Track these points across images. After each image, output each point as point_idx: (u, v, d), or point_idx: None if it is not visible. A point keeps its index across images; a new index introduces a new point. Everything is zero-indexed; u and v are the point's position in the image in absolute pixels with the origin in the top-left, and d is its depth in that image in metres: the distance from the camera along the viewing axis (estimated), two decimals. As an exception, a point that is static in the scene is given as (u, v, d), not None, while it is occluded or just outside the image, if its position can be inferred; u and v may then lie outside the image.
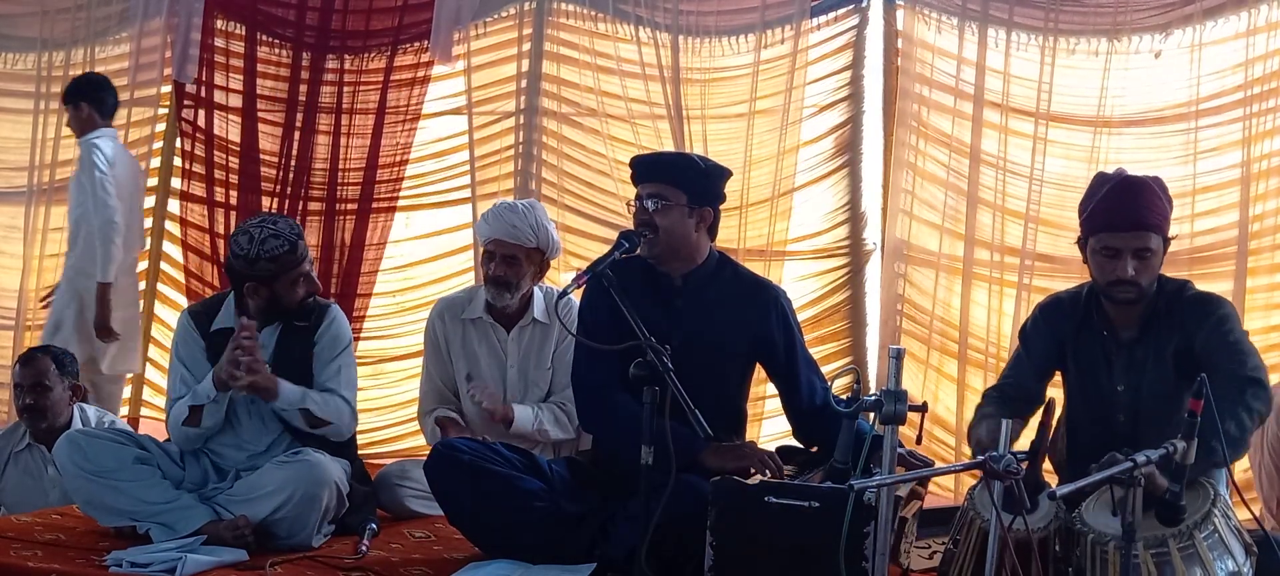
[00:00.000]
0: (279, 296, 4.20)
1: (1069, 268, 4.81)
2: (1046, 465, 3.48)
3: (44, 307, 5.93)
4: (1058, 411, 3.62)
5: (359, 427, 4.78)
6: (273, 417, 4.25)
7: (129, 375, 6.14)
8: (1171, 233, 3.72)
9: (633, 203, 3.91)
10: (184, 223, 6.23)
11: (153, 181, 6.29)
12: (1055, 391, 3.90)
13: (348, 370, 4.32)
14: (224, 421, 4.25)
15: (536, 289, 4.61)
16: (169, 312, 6.31)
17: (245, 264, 4.15)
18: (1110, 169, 4.96)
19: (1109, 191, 3.67)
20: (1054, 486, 3.21)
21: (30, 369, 5.00)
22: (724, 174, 4.03)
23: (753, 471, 3.64)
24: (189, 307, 4.60)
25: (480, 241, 4.58)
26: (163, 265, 6.32)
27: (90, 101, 5.71)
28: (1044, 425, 3.21)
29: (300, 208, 6.05)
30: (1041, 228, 5.17)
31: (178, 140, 6.23)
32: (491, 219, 4.47)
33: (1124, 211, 3.62)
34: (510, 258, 4.44)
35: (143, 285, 6.27)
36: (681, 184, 3.86)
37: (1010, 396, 3.78)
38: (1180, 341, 3.63)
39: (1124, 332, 3.71)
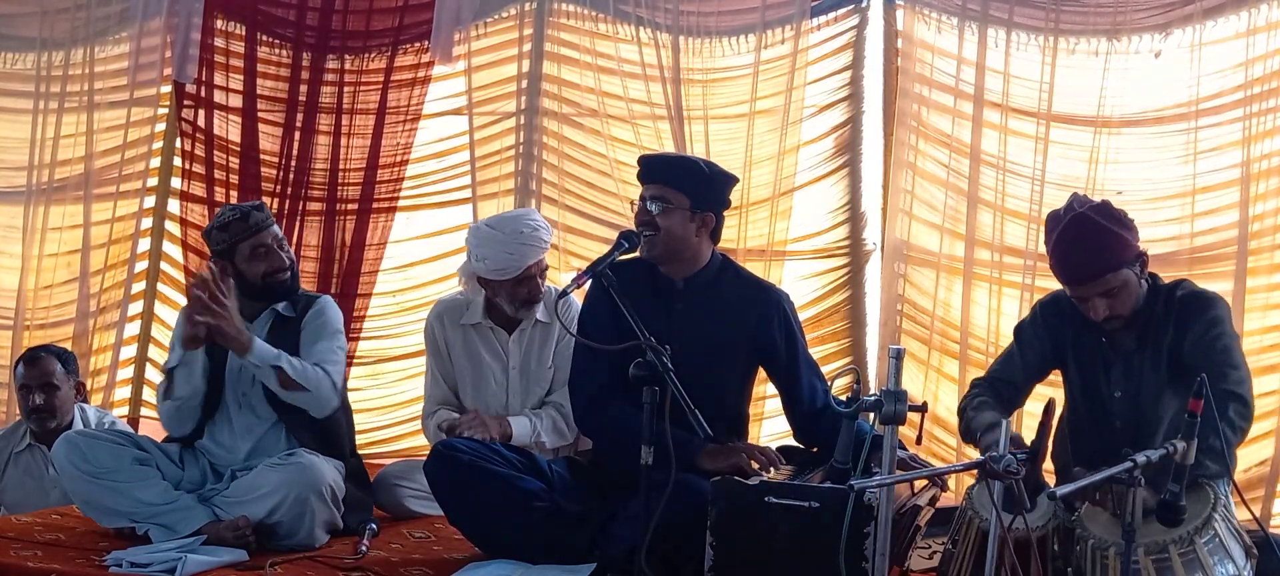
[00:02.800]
0: (241, 272, 4.23)
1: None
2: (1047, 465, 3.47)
3: None
4: (1057, 411, 3.62)
5: (359, 428, 4.79)
6: (264, 408, 4.25)
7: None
8: (1145, 249, 3.68)
9: (636, 201, 3.92)
10: (184, 223, 6.22)
11: (153, 181, 6.29)
12: (1056, 391, 3.90)
13: (334, 353, 4.30)
14: (216, 414, 4.26)
15: (537, 290, 4.62)
16: (169, 312, 6.30)
17: (206, 242, 4.32)
18: (1110, 169, 5.02)
19: (1057, 242, 3.63)
20: (1053, 486, 3.21)
21: (36, 369, 5.00)
22: (729, 180, 4.02)
23: (750, 470, 3.63)
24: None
25: (512, 270, 4.38)
26: (163, 265, 6.31)
27: None
28: (1044, 425, 3.21)
29: (300, 208, 6.04)
30: (1035, 226, 5.16)
31: (178, 140, 6.22)
32: (515, 248, 4.35)
33: (1074, 266, 3.60)
34: (544, 269, 4.47)
35: (143, 285, 6.28)
36: (684, 187, 3.86)
37: (1000, 391, 3.78)
38: (1172, 340, 3.62)
39: (1123, 342, 3.70)
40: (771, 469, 3.67)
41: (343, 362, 4.39)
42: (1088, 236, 3.58)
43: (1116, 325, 3.62)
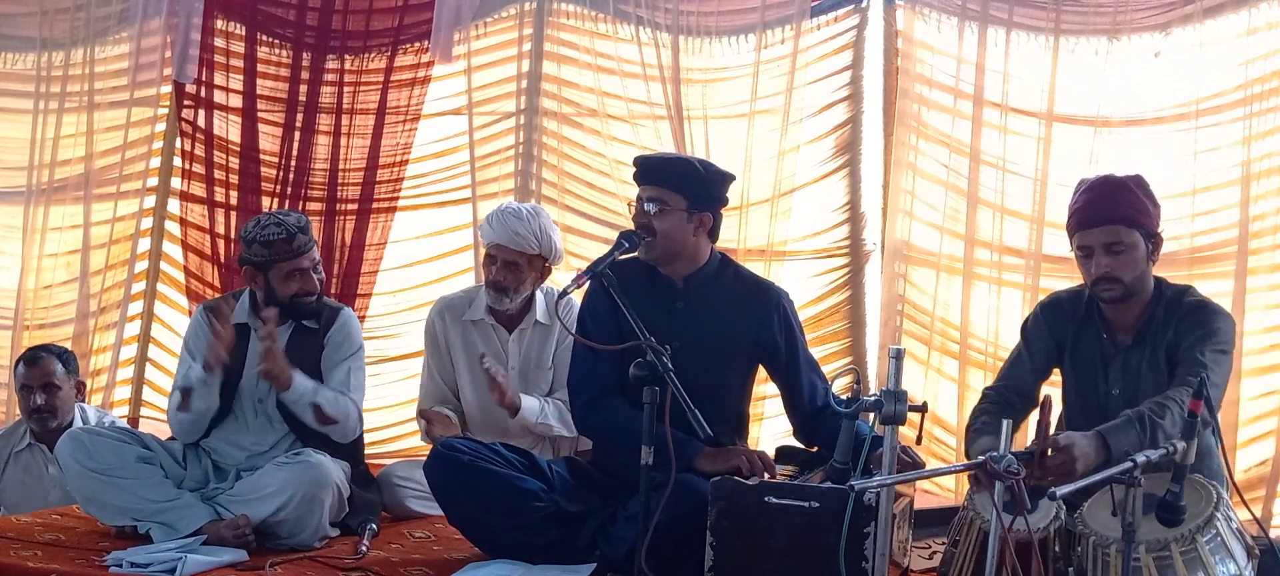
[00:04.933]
0: (272, 286, 4.23)
1: (1070, 267, 4.81)
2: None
3: None
4: (1056, 409, 3.62)
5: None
6: (279, 418, 4.27)
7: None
8: (1161, 229, 3.71)
9: (633, 203, 3.92)
10: (184, 223, 6.22)
11: (153, 181, 6.29)
12: (1053, 389, 3.90)
13: (357, 374, 4.35)
14: (228, 419, 4.28)
15: (538, 291, 4.61)
16: (169, 312, 6.31)
17: (243, 245, 4.27)
18: (1110, 169, 5.01)
19: (1081, 194, 3.70)
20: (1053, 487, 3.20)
21: (37, 369, 5.00)
22: (726, 178, 4.01)
23: (746, 472, 3.62)
24: (206, 302, 4.68)
25: (483, 243, 4.57)
26: (163, 265, 6.31)
27: None
28: (1043, 423, 3.21)
29: (300, 208, 6.03)
30: (1042, 227, 5.16)
31: (178, 140, 6.22)
32: (495, 223, 4.46)
33: (1092, 209, 3.64)
34: (512, 264, 4.45)
35: (143, 285, 6.28)
36: (681, 188, 3.85)
37: (1008, 399, 3.77)
38: (1171, 341, 3.63)
39: (1121, 337, 3.71)
40: (765, 474, 3.66)
41: (364, 384, 4.42)
42: (1111, 189, 3.66)
43: (1116, 291, 3.61)
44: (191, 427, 4.27)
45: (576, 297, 4.08)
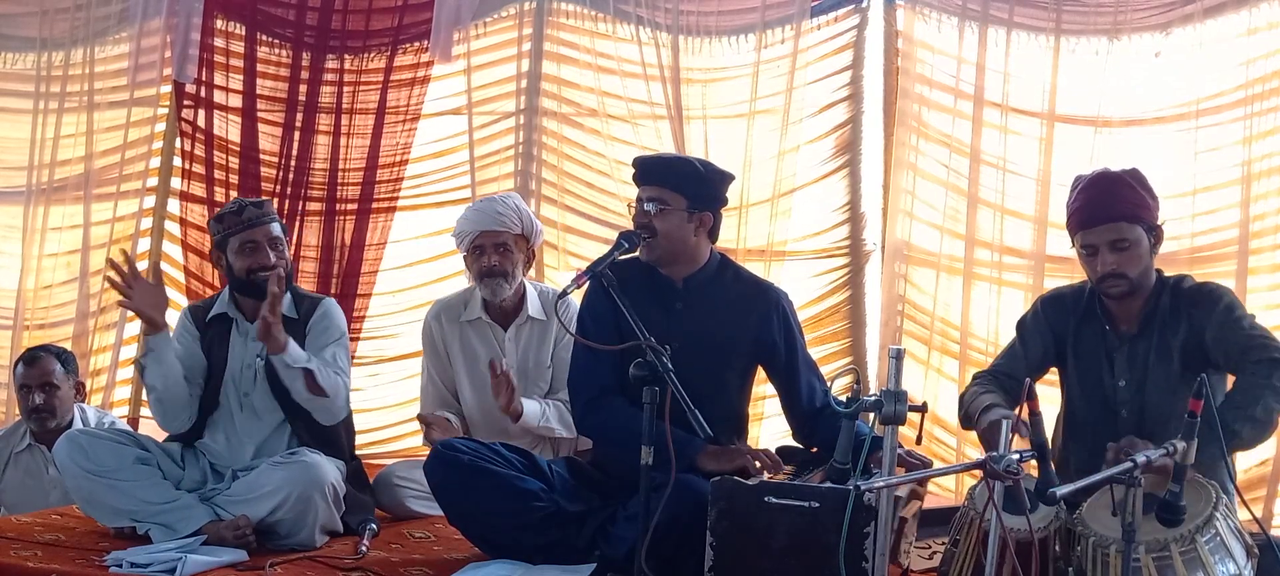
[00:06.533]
0: (231, 265, 4.27)
1: (1071, 266, 4.81)
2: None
3: None
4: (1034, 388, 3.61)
5: (359, 428, 4.79)
6: (266, 409, 4.27)
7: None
8: (1162, 222, 3.71)
9: (633, 204, 3.92)
10: (184, 223, 6.23)
11: (153, 181, 6.29)
12: (1052, 389, 3.90)
13: (343, 357, 4.33)
14: (217, 414, 4.28)
15: (530, 285, 4.63)
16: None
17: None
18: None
19: (1080, 191, 3.71)
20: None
21: (36, 368, 5.00)
22: (725, 178, 4.01)
23: (751, 471, 3.62)
24: (188, 305, 4.70)
25: (466, 240, 4.54)
26: (163, 265, 6.31)
27: None
28: (1035, 413, 3.21)
29: (300, 208, 6.05)
30: (1044, 228, 5.16)
31: (178, 140, 6.23)
32: (474, 215, 4.53)
33: (1093, 207, 3.65)
34: (501, 246, 4.48)
35: (142, 285, 6.28)
36: (681, 188, 3.85)
37: (1002, 383, 3.78)
38: (1186, 334, 3.63)
39: (1125, 328, 3.72)
40: (767, 473, 3.66)
41: (349, 369, 4.41)
42: (1110, 185, 3.67)
43: (1122, 287, 3.63)
44: (163, 409, 4.24)
45: (576, 298, 4.09)
